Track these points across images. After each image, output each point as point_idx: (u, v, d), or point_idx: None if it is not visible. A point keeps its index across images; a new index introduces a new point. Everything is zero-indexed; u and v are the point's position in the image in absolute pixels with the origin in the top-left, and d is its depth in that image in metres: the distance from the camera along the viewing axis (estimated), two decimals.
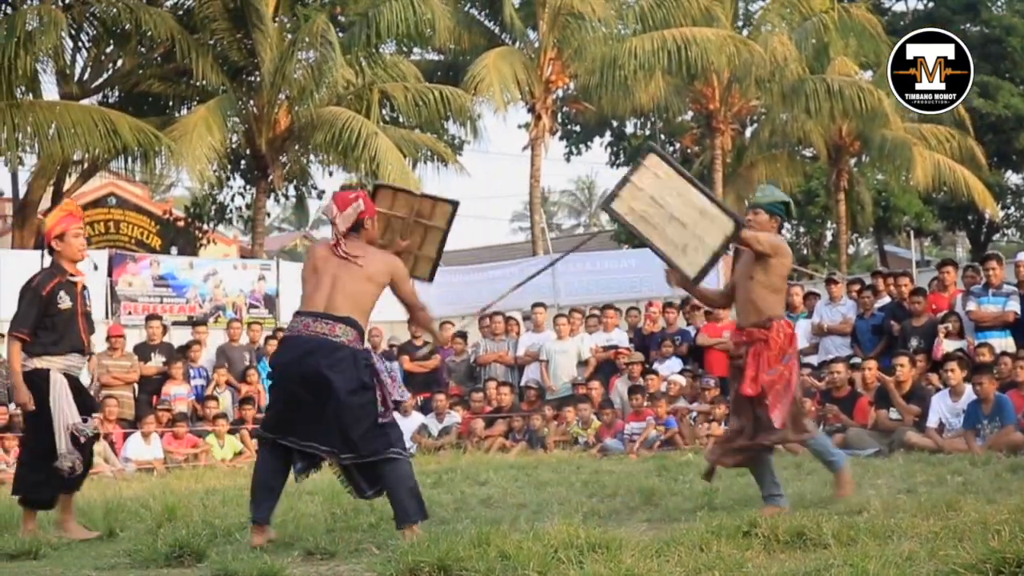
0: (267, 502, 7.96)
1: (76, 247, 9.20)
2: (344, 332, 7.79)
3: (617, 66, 28.75)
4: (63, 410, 8.85)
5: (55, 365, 8.94)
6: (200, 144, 23.94)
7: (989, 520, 6.88)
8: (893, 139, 32.04)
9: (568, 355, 18.77)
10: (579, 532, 6.74)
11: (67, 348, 9.02)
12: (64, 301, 8.96)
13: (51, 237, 9.13)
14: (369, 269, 7.95)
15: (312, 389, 7.73)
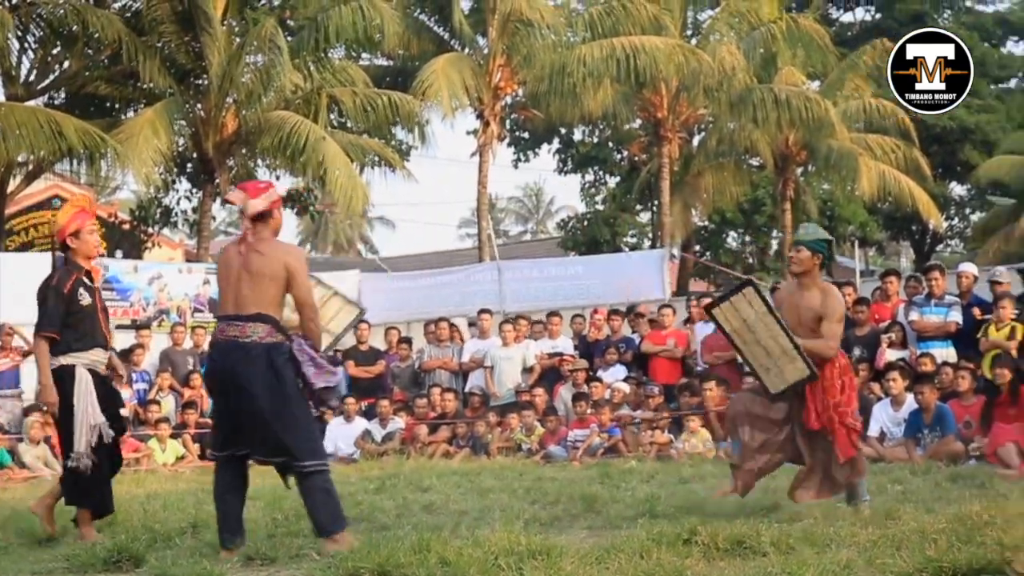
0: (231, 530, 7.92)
1: (92, 244, 9.19)
2: (254, 330, 7.79)
3: (566, 73, 28.65)
4: (87, 408, 8.81)
5: (80, 361, 8.89)
6: (146, 147, 23.78)
7: (927, 529, 7.04)
8: (839, 149, 32.09)
9: (513, 362, 18.77)
10: (519, 539, 6.83)
11: (90, 344, 8.98)
12: (84, 298, 8.94)
13: (65, 234, 9.07)
14: (270, 261, 7.94)
15: (234, 395, 7.83)
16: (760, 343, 8.83)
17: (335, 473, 13.35)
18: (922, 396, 13.67)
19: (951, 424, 13.48)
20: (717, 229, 41.60)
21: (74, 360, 8.87)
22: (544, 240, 57.43)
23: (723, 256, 41.11)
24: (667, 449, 15.85)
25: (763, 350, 8.84)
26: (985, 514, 7.28)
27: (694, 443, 15.70)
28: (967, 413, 13.67)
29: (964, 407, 13.77)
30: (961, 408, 13.77)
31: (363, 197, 26.48)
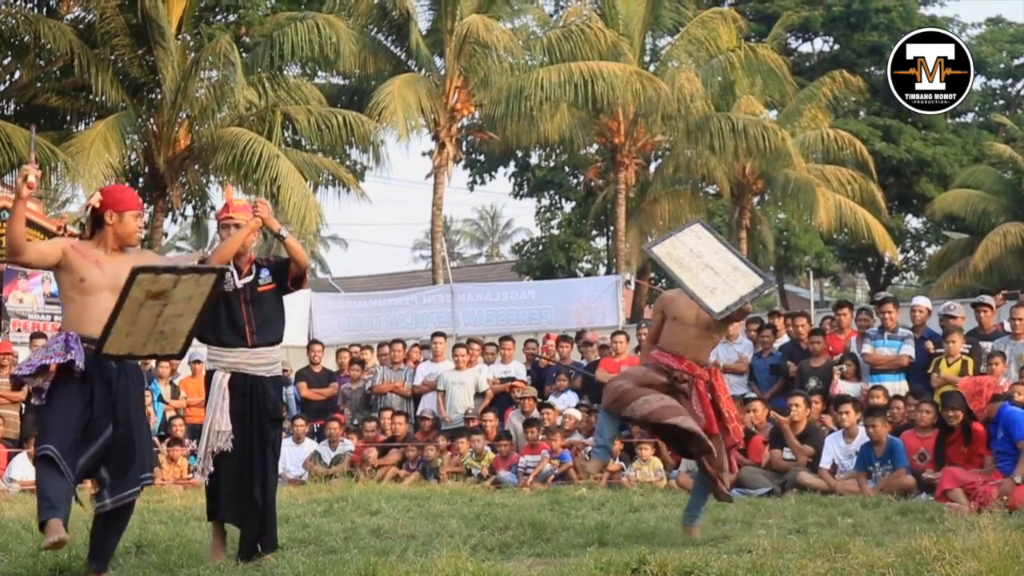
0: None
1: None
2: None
3: (523, 97, 28.71)
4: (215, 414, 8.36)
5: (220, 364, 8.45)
6: (97, 161, 23.56)
7: (876, 563, 6.96)
8: (796, 179, 32.24)
9: (465, 386, 18.49)
10: (467, 565, 6.75)
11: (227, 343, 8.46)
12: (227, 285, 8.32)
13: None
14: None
15: None
16: (708, 265, 9.00)
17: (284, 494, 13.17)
18: (874, 429, 13.43)
19: (902, 457, 13.28)
20: None
21: (214, 364, 8.46)
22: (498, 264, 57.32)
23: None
24: (618, 477, 15.56)
25: (711, 271, 8.99)
26: (935, 549, 7.20)
27: (645, 471, 15.40)
28: (923, 445, 13.45)
29: (920, 439, 13.53)
30: (917, 440, 13.54)
31: (316, 216, 26.25)
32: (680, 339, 9.25)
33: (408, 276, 45.68)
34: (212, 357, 8.49)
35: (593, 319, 21.81)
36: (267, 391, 8.58)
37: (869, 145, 34.46)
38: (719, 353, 16.75)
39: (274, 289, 8.60)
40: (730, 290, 8.90)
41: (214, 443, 8.29)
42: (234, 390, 8.42)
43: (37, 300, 21.59)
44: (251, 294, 8.48)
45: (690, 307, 9.11)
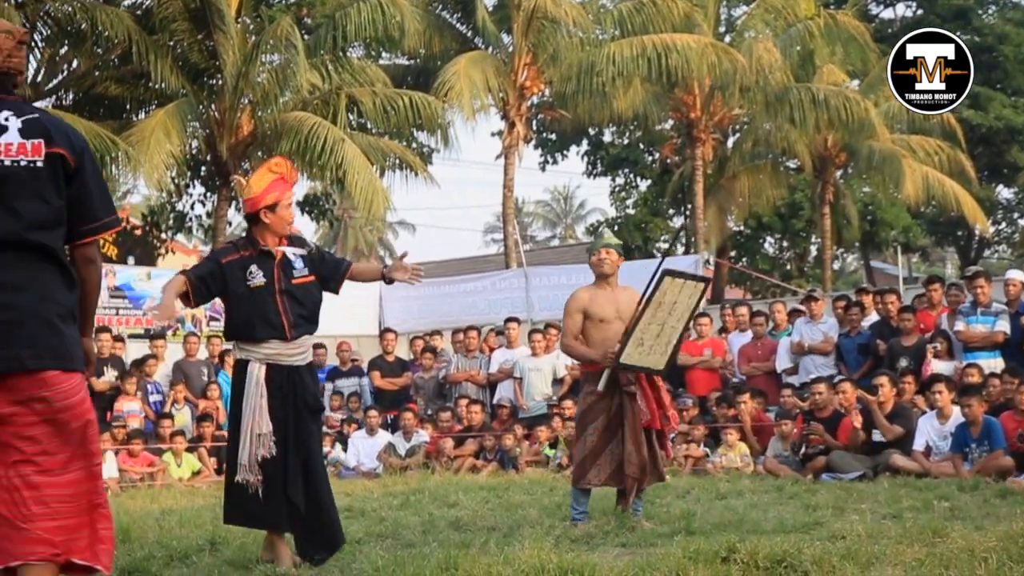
0: None
1: (287, 219, 7.96)
2: None
3: (594, 73, 28.25)
4: (255, 415, 7.68)
5: (254, 356, 7.78)
6: (158, 150, 23.22)
7: (976, 547, 6.86)
8: (881, 151, 31.53)
9: (542, 373, 18.17)
10: (551, 556, 6.65)
11: (265, 334, 7.77)
12: (255, 277, 7.75)
13: (259, 205, 7.80)
14: None
15: None
16: (660, 324, 9.47)
17: (359, 487, 13.87)
18: (969, 409, 13.14)
19: (1000, 438, 12.98)
20: (753, 234, 41.11)
21: (247, 354, 7.80)
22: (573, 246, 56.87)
23: (759, 262, 40.54)
24: (703, 463, 15.53)
25: (657, 329, 9.47)
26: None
27: (731, 457, 15.34)
28: (1021, 426, 13.10)
29: (1018, 419, 13.17)
30: (1014, 420, 13.19)
31: (384, 201, 25.77)
32: (609, 337, 9.72)
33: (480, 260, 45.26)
34: (244, 348, 7.87)
35: None
36: (305, 381, 8.00)
37: (956, 113, 33.44)
38: (804, 333, 16.43)
39: (313, 282, 8.04)
40: (644, 355, 9.49)
41: (258, 449, 7.69)
42: (270, 384, 7.80)
43: (102, 294, 21.00)
44: (285, 284, 7.87)
45: (609, 304, 9.88)
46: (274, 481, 7.71)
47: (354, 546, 8.26)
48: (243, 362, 7.83)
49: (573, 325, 9.88)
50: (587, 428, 9.70)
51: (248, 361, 7.79)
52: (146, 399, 18.23)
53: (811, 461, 13.98)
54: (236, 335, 7.89)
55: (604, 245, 10.11)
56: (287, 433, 7.77)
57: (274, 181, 7.85)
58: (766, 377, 16.95)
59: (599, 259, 9.99)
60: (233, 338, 7.93)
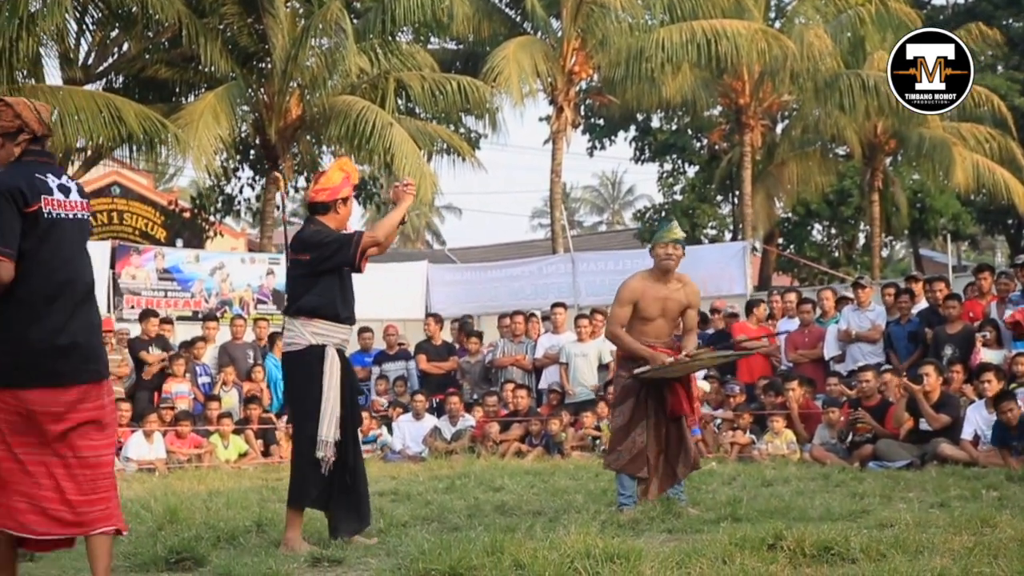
0: None
1: (349, 215, 8.76)
2: None
3: (643, 58, 28.14)
4: (335, 395, 8.18)
5: (331, 340, 8.28)
6: (207, 133, 23.30)
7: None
8: (931, 138, 31.35)
9: (588, 358, 18.14)
10: (597, 541, 6.66)
11: (342, 317, 8.40)
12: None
13: (336, 196, 8.50)
14: None
15: None
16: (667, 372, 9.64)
17: (405, 471, 14.02)
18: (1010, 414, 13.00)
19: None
20: (801, 221, 40.87)
21: (323, 339, 8.24)
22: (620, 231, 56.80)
23: (807, 249, 40.32)
24: (749, 450, 15.54)
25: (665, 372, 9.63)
26: None
27: (777, 444, 15.30)
28: None
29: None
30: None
31: (431, 186, 25.79)
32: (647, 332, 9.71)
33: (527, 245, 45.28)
34: (320, 332, 8.26)
35: (720, 287, 21.24)
36: (352, 366, 8.69)
37: (1008, 101, 33.18)
38: (851, 321, 16.40)
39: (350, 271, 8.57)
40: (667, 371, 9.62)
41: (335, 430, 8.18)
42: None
43: (150, 276, 21.40)
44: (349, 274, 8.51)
45: (656, 303, 9.75)
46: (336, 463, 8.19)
47: (400, 529, 8.35)
48: (317, 347, 8.18)
49: (622, 314, 9.69)
50: (615, 411, 9.75)
51: (324, 346, 8.18)
52: (195, 381, 18.35)
53: (858, 449, 13.93)
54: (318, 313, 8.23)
55: (673, 240, 9.84)
56: (344, 415, 8.25)
57: (345, 178, 8.56)
58: (813, 364, 16.90)
59: (666, 254, 9.72)
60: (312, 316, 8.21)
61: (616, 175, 76.76)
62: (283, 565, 6.80)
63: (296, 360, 8.28)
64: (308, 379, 8.19)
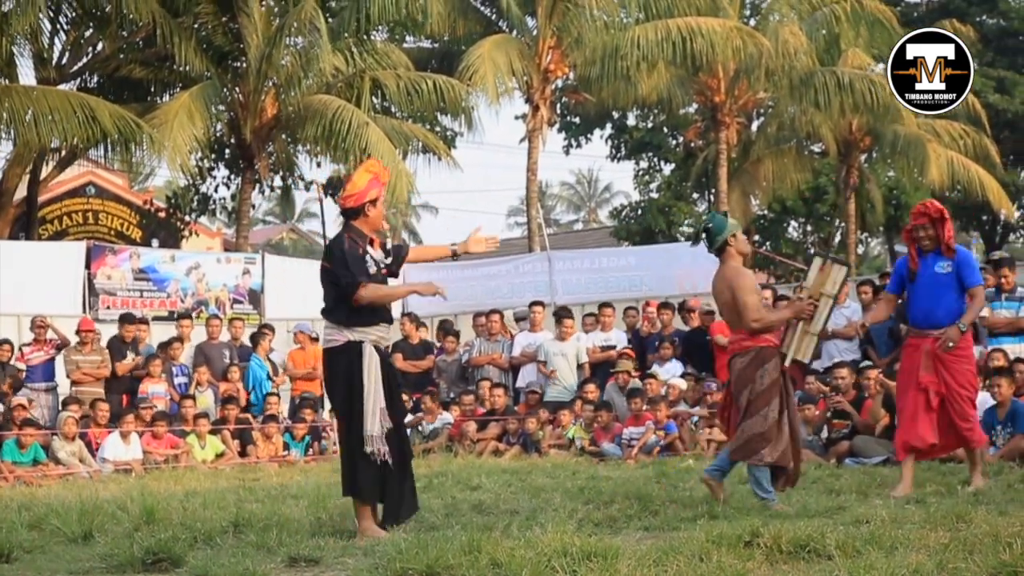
0: None
1: (381, 216, 8.93)
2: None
3: (619, 56, 28.10)
4: (376, 390, 8.46)
5: (368, 337, 8.52)
6: (181, 133, 23.35)
7: (1001, 532, 6.82)
8: (906, 135, 31.45)
9: (567, 357, 18.16)
10: (574, 540, 6.68)
11: (377, 318, 8.62)
12: (371, 266, 8.62)
13: (363, 200, 8.67)
14: None
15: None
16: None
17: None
18: (999, 389, 13.22)
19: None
20: (777, 218, 41.06)
21: (361, 336, 8.50)
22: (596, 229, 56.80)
23: (784, 246, 40.47)
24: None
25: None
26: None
27: None
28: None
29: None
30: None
31: (407, 185, 25.77)
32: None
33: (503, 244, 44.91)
34: (358, 330, 8.54)
35: (696, 284, 21.05)
36: (392, 362, 9.16)
37: (982, 98, 33.34)
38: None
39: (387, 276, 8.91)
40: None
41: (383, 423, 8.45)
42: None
43: (126, 276, 21.37)
44: (381, 274, 8.76)
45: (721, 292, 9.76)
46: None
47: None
48: (355, 343, 8.46)
49: (756, 301, 9.69)
50: (770, 403, 9.51)
51: (362, 343, 8.45)
52: (171, 381, 18.33)
53: (834, 445, 13.96)
54: (352, 319, 8.47)
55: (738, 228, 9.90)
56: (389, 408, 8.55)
57: (372, 179, 8.73)
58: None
59: (744, 240, 9.84)
60: (345, 322, 8.48)
61: (592, 173, 76.91)
62: (260, 565, 6.80)
63: (335, 357, 8.56)
64: (348, 376, 8.47)
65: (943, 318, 10.01)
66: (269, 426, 17.57)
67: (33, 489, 13.88)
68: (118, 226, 30.85)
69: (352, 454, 8.51)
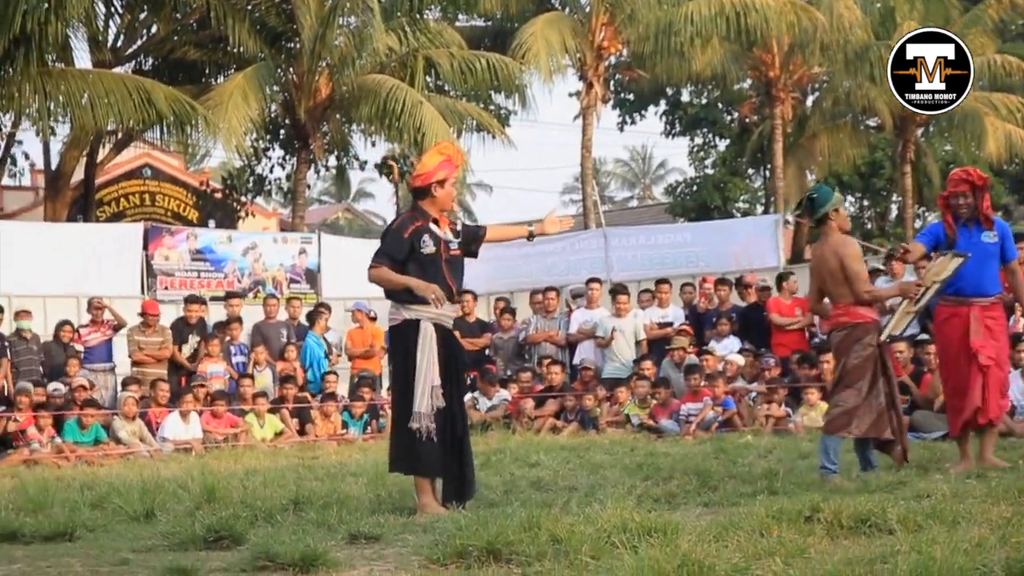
0: None
1: (451, 196, 9.01)
2: None
3: (672, 32, 28.03)
4: (429, 367, 8.52)
5: (425, 315, 8.60)
6: (236, 114, 23.47)
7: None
8: (962, 108, 30.83)
9: (625, 334, 18.15)
10: (633, 516, 6.63)
11: None
12: (428, 246, 8.66)
13: (431, 180, 8.77)
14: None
15: None
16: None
17: None
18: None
19: None
20: None
21: (418, 314, 8.59)
22: (652, 206, 56.60)
23: None
24: (784, 423, 15.59)
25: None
26: None
27: (813, 416, 15.17)
28: None
29: None
30: None
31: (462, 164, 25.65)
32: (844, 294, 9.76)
33: None
34: (414, 308, 8.62)
35: (752, 260, 21.08)
36: (457, 340, 9.07)
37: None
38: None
39: (461, 255, 8.93)
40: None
41: (434, 400, 8.51)
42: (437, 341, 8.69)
43: (183, 257, 21.45)
44: (447, 254, 8.76)
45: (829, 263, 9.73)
46: (440, 431, 8.53)
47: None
48: (413, 321, 8.56)
49: (865, 271, 9.85)
50: (864, 377, 9.54)
51: (419, 320, 8.54)
52: (229, 360, 18.45)
53: None
54: (410, 297, 8.54)
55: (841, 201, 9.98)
56: (448, 387, 8.61)
57: (443, 161, 8.81)
58: None
59: (846, 214, 9.92)
60: (403, 300, 8.59)
61: (646, 149, 76.55)
62: (320, 542, 6.71)
63: (395, 335, 8.75)
64: (404, 353, 8.59)
65: (990, 287, 9.94)
66: (328, 405, 17.61)
67: (95, 468, 13.97)
68: (175, 207, 31.03)
69: (400, 431, 8.62)
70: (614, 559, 5.89)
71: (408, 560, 6.49)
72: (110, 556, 6.93)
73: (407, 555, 6.65)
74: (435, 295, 8.35)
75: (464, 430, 8.85)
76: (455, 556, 6.18)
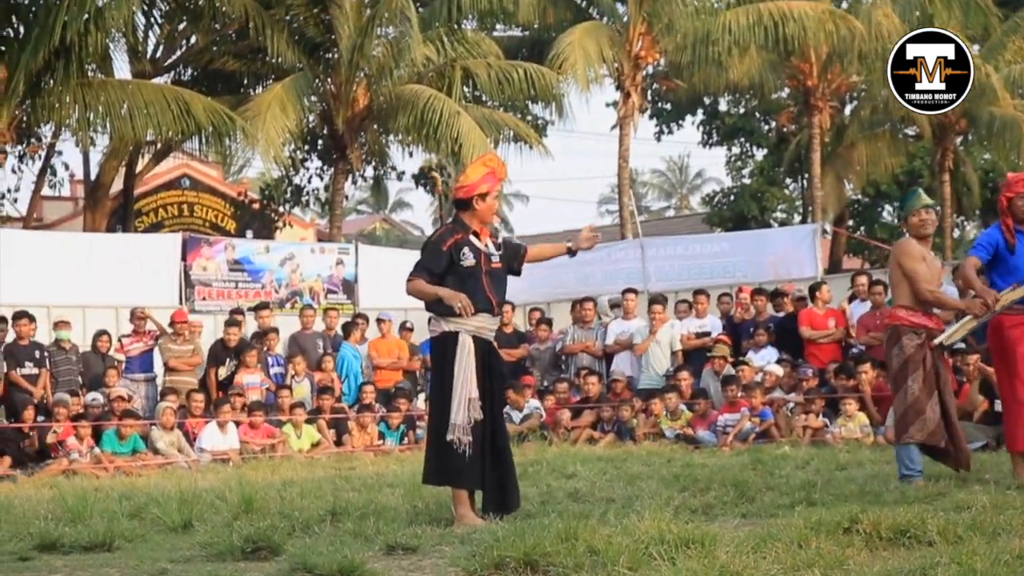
0: None
1: (492, 209, 8.95)
2: None
3: (710, 41, 28.03)
4: (467, 380, 8.52)
5: (465, 328, 8.58)
6: (274, 125, 23.57)
7: None
8: (1002, 117, 30.86)
9: (661, 345, 18.11)
10: (671, 527, 6.62)
11: (477, 309, 8.58)
12: (468, 258, 8.65)
13: (473, 192, 8.73)
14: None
15: None
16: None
17: None
18: None
19: None
20: (871, 202, 40.62)
21: (457, 326, 8.57)
22: (689, 216, 56.54)
23: (878, 231, 39.99)
24: (822, 434, 15.48)
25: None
26: None
27: (851, 427, 15.25)
28: None
29: None
30: None
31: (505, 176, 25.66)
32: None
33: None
34: (453, 320, 8.59)
35: (790, 271, 21.04)
36: (498, 353, 9.04)
37: None
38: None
39: (503, 268, 8.91)
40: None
41: (471, 413, 8.50)
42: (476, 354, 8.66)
43: (221, 267, 21.49)
44: (488, 267, 8.74)
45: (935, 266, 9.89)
46: (477, 443, 8.49)
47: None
48: (452, 333, 8.54)
49: (924, 270, 9.66)
50: (907, 379, 9.52)
51: (458, 332, 8.52)
52: (267, 371, 18.43)
53: None
54: (448, 310, 8.48)
55: (924, 205, 9.81)
56: (487, 399, 8.58)
57: (487, 174, 8.76)
58: None
59: (920, 220, 9.75)
60: (442, 312, 8.56)
61: (683, 159, 76.48)
62: (358, 553, 6.73)
63: (435, 347, 8.74)
64: (442, 365, 8.59)
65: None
66: (364, 415, 17.62)
67: (133, 479, 14.02)
68: (213, 218, 31.17)
69: (436, 442, 8.62)
70: (651, 570, 5.91)
71: (445, 571, 6.49)
72: (148, 566, 6.95)
73: (444, 566, 6.63)
74: (462, 304, 8.29)
75: (505, 442, 8.81)
76: (492, 567, 6.18)
